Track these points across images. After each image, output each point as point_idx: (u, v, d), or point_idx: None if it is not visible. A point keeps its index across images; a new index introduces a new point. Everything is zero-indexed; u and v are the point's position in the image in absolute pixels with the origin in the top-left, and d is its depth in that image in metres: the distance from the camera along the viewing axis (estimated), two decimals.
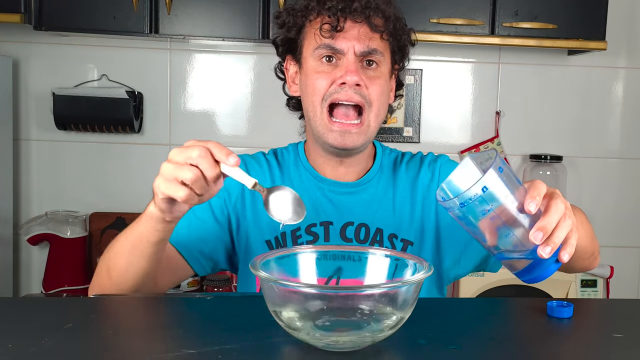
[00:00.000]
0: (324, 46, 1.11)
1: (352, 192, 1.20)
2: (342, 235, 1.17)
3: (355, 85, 1.10)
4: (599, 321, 0.97)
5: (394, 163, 1.25)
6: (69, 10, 2.11)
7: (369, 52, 1.11)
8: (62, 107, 2.32)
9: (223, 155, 0.86)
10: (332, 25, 1.10)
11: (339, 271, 0.92)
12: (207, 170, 0.86)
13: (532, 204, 0.77)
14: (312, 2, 1.14)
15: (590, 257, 1.13)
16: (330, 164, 1.20)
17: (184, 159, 0.86)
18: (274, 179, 1.22)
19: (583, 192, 2.60)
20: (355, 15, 1.10)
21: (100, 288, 1.08)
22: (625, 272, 2.63)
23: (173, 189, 0.87)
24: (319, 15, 1.13)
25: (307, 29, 1.16)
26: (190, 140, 0.89)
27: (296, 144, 1.27)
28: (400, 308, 0.78)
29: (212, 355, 0.76)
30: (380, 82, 1.14)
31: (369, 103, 1.12)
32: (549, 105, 2.60)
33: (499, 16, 2.23)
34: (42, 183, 2.45)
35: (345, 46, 1.11)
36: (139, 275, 1.03)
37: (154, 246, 0.99)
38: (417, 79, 2.55)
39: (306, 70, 1.16)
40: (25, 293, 2.47)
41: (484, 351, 0.83)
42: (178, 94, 2.47)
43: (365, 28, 1.11)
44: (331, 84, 1.12)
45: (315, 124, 1.15)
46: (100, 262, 1.08)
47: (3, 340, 0.80)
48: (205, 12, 2.17)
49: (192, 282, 2.30)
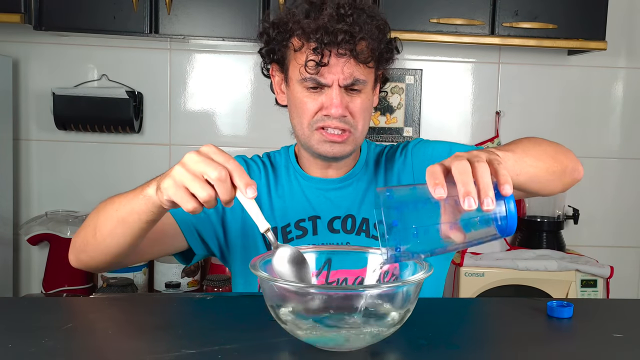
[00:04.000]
0: (309, 79, 1.14)
1: (338, 188, 1.25)
2: (329, 228, 1.21)
3: (340, 116, 1.15)
4: (599, 321, 0.97)
5: (378, 156, 1.30)
6: (69, 10, 2.11)
7: (353, 83, 1.14)
8: (62, 107, 2.32)
9: (243, 185, 0.81)
10: (317, 62, 1.11)
11: (328, 263, 0.94)
12: (222, 195, 0.81)
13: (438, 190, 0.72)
14: (297, 29, 1.13)
15: (560, 174, 1.05)
16: (318, 166, 1.26)
17: (201, 172, 0.82)
18: (269, 179, 1.26)
19: (583, 192, 2.60)
20: (339, 48, 1.10)
21: (83, 242, 1.08)
22: (625, 272, 2.63)
23: (182, 198, 0.83)
24: (303, 44, 1.14)
25: (291, 50, 1.17)
26: (210, 145, 0.84)
27: (287, 148, 1.32)
28: (400, 308, 0.78)
29: (212, 355, 0.76)
30: (363, 102, 1.17)
31: (354, 127, 1.17)
32: (549, 105, 2.60)
33: (499, 16, 2.23)
34: (42, 183, 2.45)
35: (330, 79, 1.13)
36: (121, 246, 1.03)
37: (145, 224, 0.98)
38: (417, 79, 2.55)
39: (292, 90, 1.19)
40: (25, 293, 2.47)
41: (484, 351, 0.83)
42: (178, 94, 2.47)
43: (350, 61, 1.12)
44: (317, 110, 1.16)
45: (305, 140, 1.20)
46: (90, 218, 1.08)
47: (3, 340, 0.80)
48: (205, 12, 2.17)
49: (192, 282, 2.30)
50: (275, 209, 1.23)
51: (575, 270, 2.21)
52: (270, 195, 1.24)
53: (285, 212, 1.22)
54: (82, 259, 1.11)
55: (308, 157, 1.25)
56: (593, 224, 2.64)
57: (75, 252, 1.12)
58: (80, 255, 1.11)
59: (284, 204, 1.23)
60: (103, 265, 1.10)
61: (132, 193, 0.97)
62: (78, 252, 1.11)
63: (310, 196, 1.24)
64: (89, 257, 1.09)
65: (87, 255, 1.09)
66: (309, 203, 1.23)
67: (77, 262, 1.12)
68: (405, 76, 2.54)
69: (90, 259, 1.09)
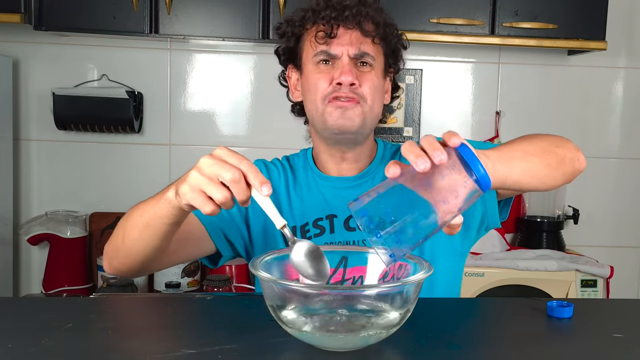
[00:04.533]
0: (320, 52, 1.21)
1: (353, 186, 1.27)
2: (345, 226, 1.24)
3: (350, 84, 1.19)
4: (599, 321, 0.97)
5: (394, 155, 1.33)
6: (69, 10, 2.11)
7: (361, 54, 1.21)
8: (62, 107, 2.32)
9: (257, 183, 0.83)
10: (327, 33, 1.20)
11: (344, 261, 0.95)
12: (238, 195, 0.84)
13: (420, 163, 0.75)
14: (308, 13, 1.23)
15: (555, 165, 1.07)
16: (333, 160, 1.28)
17: (215, 174, 0.84)
18: (287, 181, 1.30)
19: (583, 192, 2.60)
20: (347, 22, 1.19)
21: (114, 248, 1.13)
22: (625, 272, 2.63)
23: (200, 201, 0.86)
24: (314, 24, 1.23)
25: (304, 37, 1.25)
26: (222, 148, 0.86)
27: (305, 150, 1.36)
28: (400, 308, 0.78)
29: (212, 355, 0.76)
30: (372, 78, 1.22)
31: (363, 99, 1.21)
32: (549, 105, 2.60)
33: (499, 16, 2.23)
34: (42, 183, 2.45)
35: (339, 51, 1.20)
36: (149, 250, 1.06)
37: (169, 226, 1.00)
38: (417, 79, 2.55)
39: (307, 74, 1.25)
40: (25, 293, 2.47)
41: (484, 351, 0.83)
42: (178, 94, 2.47)
43: (357, 33, 1.21)
44: (329, 83, 1.21)
45: (319, 118, 1.23)
46: (119, 226, 1.12)
47: (3, 340, 0.80)
48: (205, 12, 2.17)
49: (192, 282, 2.30)
50: (294, 208, 1.26)
51: (575, 270, 2.21)
52: (289, 195, 1.28)
53: (304, 211, 1.26)
54: (115, 265, 1.15)
55: (323, 148, 1.27)
56: (593, 224, 2.64)
57: (108, 259, 1.16)
58: (113, 262, 1.15)
59: (302, 203, 1.27)
60: (135, 269, 1.14)
61: (155, 199, 1.01)
62: (111, 258, 1.15)
63: (327, 195, 1.27)
64: (120, 262, 1.13)
65: (118, 261, 1.13)
66: (326, 202, 1.26)
67: (111, 269, 1.17)
68: (405, 76, 2.54)
69: (122, 264, 1.13)
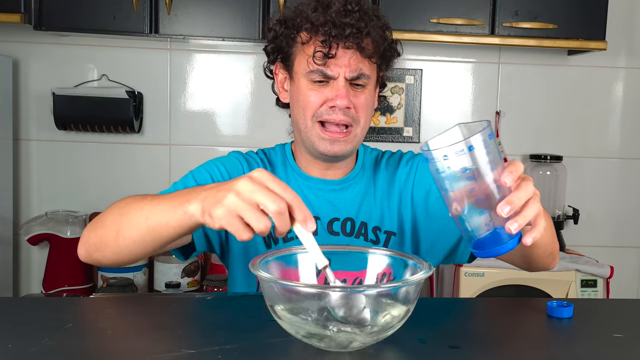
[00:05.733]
0: (316, 71, 1.15)
1: (337, 190, 1.25)
2: (329, 230, 1.22)
3: (344, 108, 1.16)
4: (599, 321, 0.97)
5: (375, 161, 1.31)
6: (69, 10, 2.11)
7: (358, 76, 1.16)
8: (62, 107, 2.32)
9: (302, 219, 0.79)
10: (325, 54, 1.14)
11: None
12: (280, 227, 0.79)
13: (508, 177, 0.78)
14: (306, 24, 1.16)
15: (549, 255, 1.15)
16: (317, 166, 1.26)
17: (257, 202, 0.79)
18: None
19: (583, 192, 2.60)
20: (346, 42, 1.13)
21: (100, 241, 1.05)
22: (625, 272, 2.63)
23: (237, 227, 0.81)
24: (311, 37, 1.16)
25: (298, 44, 1.19)
26: (262, 171, 0.82)
27: (283, 145, 1.32)
28: (400, 308, 0.78)
29: (212, 355, 0.76)
30: (366, 97, 1.19)
31: (356, 121, 1.18)
32: (549, 105, 2.60)
33: (499, 16, 2.23)
34: (42, 183, 2.45)
35: (336, 72, 1.15)
36: (148, 252, 1.02)
37: (178, 236, 0.96)
38: (417, 79, 2.55)
39: (297, 85, 1.20)
40: (25, 293, 2.47)
41: (484, 351, 0.83)
42: (178, 94, 2.47)
43: (356, 55, 1.15)
44: (322, 103, 1.17)
45: (306, 134, 1.20)
46: (109, 218, 1.04)
47: (3, 340, 0.80)
48: (205, 12, 2.17)
49: (192, 282, 2.30)
50: None
51: (575, 270, 2.21)
52: None
53: None
54: (95, 257, 1.08)
55: (307, 157, 1.25)
56: (593, 224, 2.64)
57: (87, 248, 1.08)
58: (94, 254, 1.07)
59: None
60: (116, 264, 1.08)
61: (165, 202, 0.94)
62: (92, 249, 1.07)
63: (310, 196, 1.24)
64: (103, 256, 1.06)
65: (101, 254, 1.06)
66: (309, 203, 1.23)
67: (88, 258, 1.10)
68: (405, 76, 2.54)
69: (105, 258, 1.06)
